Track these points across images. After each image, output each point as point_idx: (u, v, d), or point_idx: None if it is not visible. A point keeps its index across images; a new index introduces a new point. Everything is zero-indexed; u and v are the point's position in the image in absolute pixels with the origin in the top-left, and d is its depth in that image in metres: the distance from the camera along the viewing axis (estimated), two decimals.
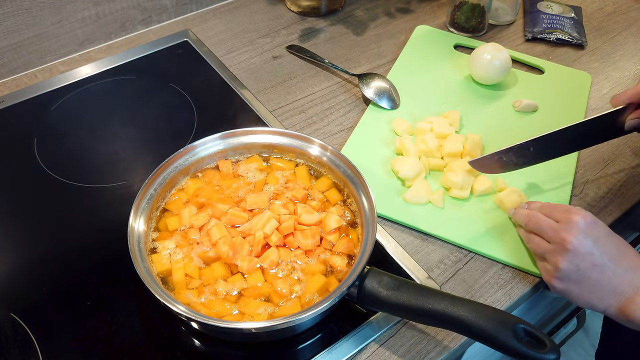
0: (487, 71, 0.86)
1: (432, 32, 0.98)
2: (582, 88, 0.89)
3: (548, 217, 0.63)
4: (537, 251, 0.64)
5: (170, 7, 1.00)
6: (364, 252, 0.58)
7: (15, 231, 0.71)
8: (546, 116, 0.84)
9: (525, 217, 0.66)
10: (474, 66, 0.87)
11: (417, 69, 0.91)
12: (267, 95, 0.88)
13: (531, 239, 0.65)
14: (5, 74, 0.89)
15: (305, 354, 0.60)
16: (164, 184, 0.66)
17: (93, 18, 0.92)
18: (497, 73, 0.86)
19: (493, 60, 0.85)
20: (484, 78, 0.87)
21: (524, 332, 0.50)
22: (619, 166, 0.79)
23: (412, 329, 0.61)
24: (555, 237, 0.60)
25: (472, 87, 0.89)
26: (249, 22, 1.02)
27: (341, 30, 1.01)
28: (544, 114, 0.85)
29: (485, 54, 0.85)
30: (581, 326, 1.31)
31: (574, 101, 0.87)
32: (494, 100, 0.87)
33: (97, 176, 0.76)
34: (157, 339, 0.60)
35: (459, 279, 0.66)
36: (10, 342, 0.59)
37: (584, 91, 0.89)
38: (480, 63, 0.86)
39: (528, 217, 0.65)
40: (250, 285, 0.59)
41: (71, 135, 0.82)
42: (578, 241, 0.58)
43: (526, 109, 0.85)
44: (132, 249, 0.58)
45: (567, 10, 1.04)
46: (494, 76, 0.86)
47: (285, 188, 0.68)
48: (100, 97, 0.88)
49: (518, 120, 0.84)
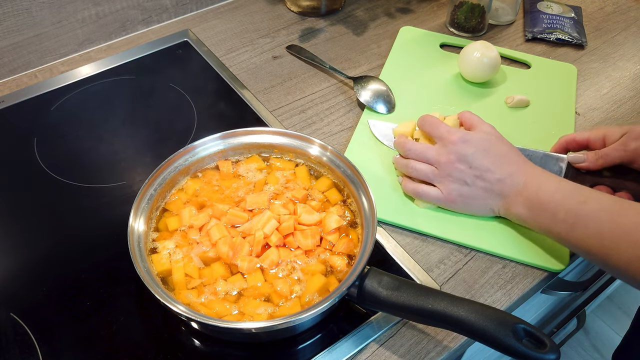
0: (477, 69, 0.86)
1: (417, 33, 0.98)
2: (570, 80, 0.91)
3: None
4: (420, 176, 0.69)
5: (170, 7, 1.00)
6: (364, 252, 0.58)
7: (15, 231, 0.71)
8: (538, 110, 0.85)
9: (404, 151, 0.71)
10: (463, 65, 0.88)
11: (406, 71, 0.91)
12: (267, 95, 0.88)
13: (412, 166, 0.69)
14: (5, 74, 0.89)
15: (305, 354, 0.60)
16: (164, 184, 0.66)
17: (93, 18, 0.92)
18: (487, 71, 0.86)
19: (482, 58, 0.85)
20: (474, 76, 0.87)
21: (524, 332, 0.50)
22: None
23: (412, 329, 0.61)
24: (436, 161, 0.67)
25: (463, 86, 0.89)
26: (249, 22, 1.02)
27: (341, 30, 1.01)
28: (536, 108, 0.85)
29: (475, 52, 0.85)
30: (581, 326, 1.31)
31: (563, 94, 0.88)
32: (486, 97, 0.87)
33: (97, 176, 0.76)
34: (157, 339, 0.60)
35: (459, 279, 0.66)
36: (10, 342, 0.59)
37: (572, 83, 0.90)
38: (470, 61, 0.86)
39: (405, 149, 0.70)
40: (250, 285, 0.59)
41: (71, 135, 0.82)
42: (457, 159, 0.65)
43: (519, 104, 0.85)
44: (132, 249, 0.58)
45: (567, 10, 1.04)
46: (484, 74, 0.87)
47: (285, 188, 0.68)
48: (100, 97, 0.88)
49: (512, 116, 0.84)
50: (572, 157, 0.70)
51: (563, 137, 0.72)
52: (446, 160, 0.66)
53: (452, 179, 0.66)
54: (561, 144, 0.73)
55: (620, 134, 0.67)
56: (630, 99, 0.89)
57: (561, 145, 0.72)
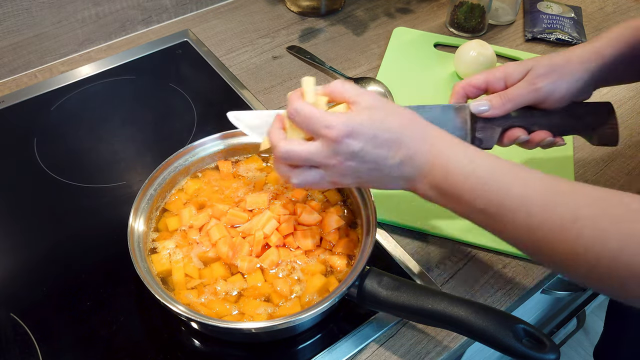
0: (473, 68, 0.86)
1: (410, 33, 0.99)
2: None
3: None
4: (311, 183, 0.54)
5: (170, 7, 1.00)
6: (364, 252, 0.58)
7: (15, 231, 0.71)
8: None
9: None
10: (459, 64, 0.88)
11: (403, 72, 0.91)
12: (267, 95, 0.88)
13: (295, 174, 0.54)
14: (5, 74, 0.90)
15: (305, 354, 0.60)
16: (164, 184, 0.66)
17: (93, 18, 0.92)
18: (483, 69, 0.86)
19: (478, 56, 0.85)
20: (471, 75, 0.87)
21: (524, 332, 0.50)
22: (619, 166, 0.79)
23: (412, 329, 0.61)
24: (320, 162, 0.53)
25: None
26: (249, 22, 1.02)
27: (341, 30, 1.01)
28: None
29: (471, 51, 0.86)
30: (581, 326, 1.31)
31: None
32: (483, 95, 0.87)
33: (97, 176, 0.76)
34: (157, 339, 0.60)
35: (459, 279, 0.66)
36: (10, 342, 0.59)
37: None
38: (466, 60, 0.87)
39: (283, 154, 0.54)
40: (250, 285, 0.59)
41: (71, 135, 0.82)
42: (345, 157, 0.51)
43: None
44: (132, 249, 0.58)
45: (567, 10, 1.04)
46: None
47: (285, 188, 0.68)
48: (100, 97, 0.88)
49: None
50: (475, 106, 0.61)
51: (458, 84, 0.64)
52: (335, 162, 0.52)
53: (348, 176, 0.54)
54: (458, 92, 0.64)
55: (524, 72, 0.61)
56: (630, 99, 0.89)
57: (458, 94, 0.64)
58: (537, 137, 0.62)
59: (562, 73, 0.60)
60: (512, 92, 0.60)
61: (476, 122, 0.62)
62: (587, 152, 0.80)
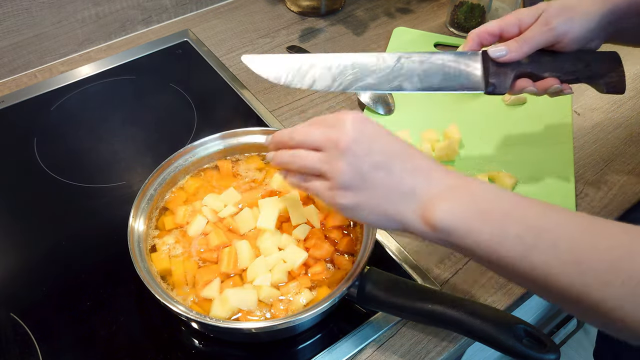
0: None
1: (410, 33, 0.99)
2: None
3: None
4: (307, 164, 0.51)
5: (170, 7, 1.00)
6: (364, 252, 0.58)
7: (15, 231, 0.71)
8: (535, 107, 0.85)
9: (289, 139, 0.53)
10: None
11: None
12: (267, 95, 0.88)
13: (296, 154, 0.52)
14: (5, 74, 0.90)
15: (305, 354, 0.60)
16: (164, 184, 0.66)
17: (93, 18, 0.92)
18: None
19: None
20: None
21: (524, 332, 0.50)
22: (619, 166, 0.79)
23: (412, 329, 0.61)
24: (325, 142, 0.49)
25: None
26: (249, 22, 1.02)
27: (341, 30, 1.01)
28: (533, 104, 0.86)
29: None
30: (581, 326, 1.31)
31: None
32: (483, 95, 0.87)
33: (97, 176, 0.76)
34: (157, 339, 0.60)
35: (459, 279, 0.66)
36: (10, 342, 0.59)
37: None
38: None
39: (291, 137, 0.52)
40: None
41: (71, 135, 0.82)
42: (353, 138, 0.48)
43: (516, 102, 0.86)
44: (132, 249, 0.58)
45: None
46: None
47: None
48: (100, 97, 0.88)
49: (509, 113, 0.85)
50: (493, 51, 0.62)
51: (473, 32, 0.64)
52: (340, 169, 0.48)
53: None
54: (473, 39, 0.64)
55: (536, 15, 0.61)
56: (630, 99, 0.89)
57: (474, 41, 0.64)
58: (546, 83, 0.63)
59: (575, 12, 0.61)
60: (527, 34, 0.61)
61: (489, 69, 0.63)
62: (587, 152, 0.80)
